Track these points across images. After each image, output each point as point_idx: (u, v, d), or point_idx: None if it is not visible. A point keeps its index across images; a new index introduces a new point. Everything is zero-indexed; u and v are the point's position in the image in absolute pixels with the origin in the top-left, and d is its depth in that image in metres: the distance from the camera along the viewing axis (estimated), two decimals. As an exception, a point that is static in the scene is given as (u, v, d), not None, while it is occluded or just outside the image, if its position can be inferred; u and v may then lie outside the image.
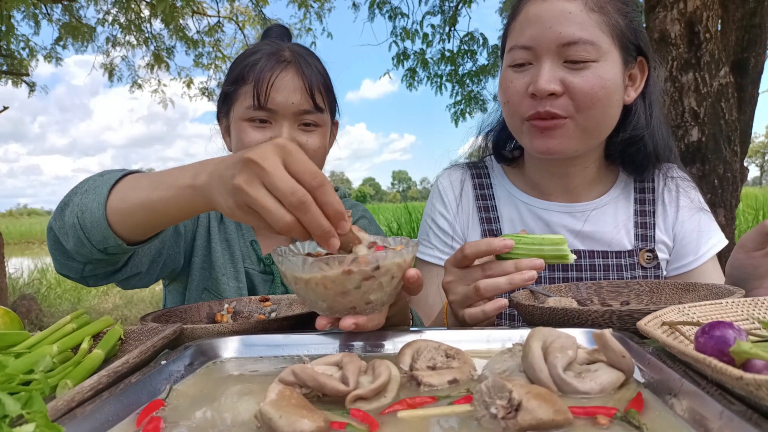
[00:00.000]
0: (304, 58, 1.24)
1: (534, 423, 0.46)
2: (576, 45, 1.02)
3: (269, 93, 1.18)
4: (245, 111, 1.20)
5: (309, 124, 1.23)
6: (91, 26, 7.55)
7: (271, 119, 1.21)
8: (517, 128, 1.15)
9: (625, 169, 1.27)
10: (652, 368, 0.57)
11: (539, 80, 1.04)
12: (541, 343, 0.58)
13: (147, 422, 0.52)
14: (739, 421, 0.42)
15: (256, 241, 1.33)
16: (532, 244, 0.84)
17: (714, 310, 0.68)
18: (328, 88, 1.28)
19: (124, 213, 0.85)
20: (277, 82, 1.19)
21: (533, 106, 1.07)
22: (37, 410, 0.47)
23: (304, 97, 1.20)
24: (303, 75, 1.21)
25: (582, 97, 1.03)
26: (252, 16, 8.38)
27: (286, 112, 1.20)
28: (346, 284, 0.67)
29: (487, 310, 0.83)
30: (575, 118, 1.06)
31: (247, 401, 0.59)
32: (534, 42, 1.06)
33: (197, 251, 1.29)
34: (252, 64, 1.21)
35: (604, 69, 1.04)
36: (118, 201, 0.86)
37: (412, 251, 0.73)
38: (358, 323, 0.70)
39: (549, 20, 1.04)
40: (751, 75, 3.48)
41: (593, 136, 1.11)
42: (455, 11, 6.73)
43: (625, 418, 0.48)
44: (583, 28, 1.03)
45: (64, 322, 0.77)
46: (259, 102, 1.18)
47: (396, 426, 0.50)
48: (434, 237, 1.31)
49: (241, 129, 1.22)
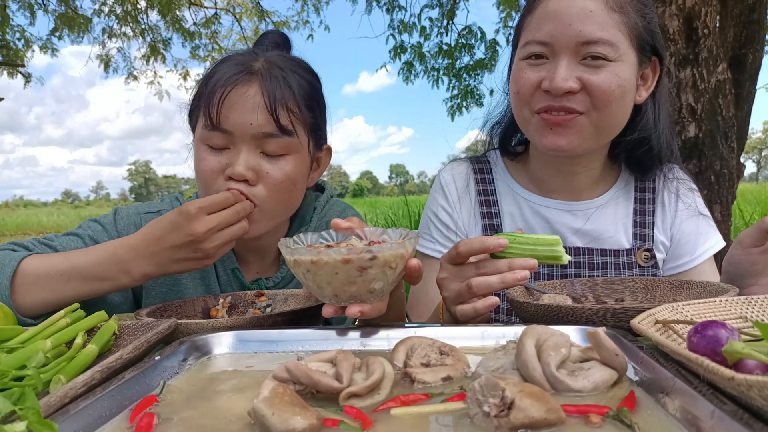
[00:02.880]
0: (277, 70, 1.06)
1: (526, 421, 0.46)
2: (596, 44, 1.01)
3: (220, 110, 1.02)
4: (201, 131, 1.06)
5: (273, 154, 1.05)
6: (87, 17, 7.50)
7: (229, 143, 1.04)
8: (525, 121, 1.13)
9: (629, 168, 1.26)
10: (645, 366, 0.57)
11: (556, 78, 1.02)
12: (534, 341, 0.58)
13: (140, 418, 0.52)
14: (730, 421, 0.42)
15: (238, 269, 1.20)
16: (527, 243, 0.84)
17: (707, 308, 0.68)
18: (308, 104, 1.09)
19: (40, 301, 0.97)
20: (233, 98, 1.02)
21: (545, 100, 1.06)
22: (29, 407, 0.47)
23: (265, 117, 1.02)
24: (266, 89, 1.02)
25: (600, 95, 1.03)
26: (249, 8, 8.34)
27: (243, 134, 1.02)
28: (346, 272, 0.70)
29: (478, 308, 0.84)
30: (590, 114, 1.05)
31: (241, 397, 0.59)
32: (552, 38, 1.04)
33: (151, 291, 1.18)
34: (211, 75, 1.06)
35: (621, 69, 1.04)
36: (32, 289, 0.97)
37: (413, 242, 0.76)
38: (363, 311, 0.74)
39: (569, 17, 1.02)
40: (749, 71, 3.48)
41: (604, 135, 1.11)
42: (453, 5, 6.70)
43: (617, 416, 0.48)
44: (604, 27, 1.02)
45: (58, 317, 0.77)
46: (211, 121, 1.02)
47: (389, 423, 0.51)
48: (435, 230, 1.31)
49: (197, 152, 1.08)
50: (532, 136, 1.13)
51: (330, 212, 1.32)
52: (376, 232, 0.81)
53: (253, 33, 8.54)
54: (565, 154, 1.11)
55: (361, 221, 0.84)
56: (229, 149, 1.04)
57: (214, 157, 1.05)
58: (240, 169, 1.01)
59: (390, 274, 0.73)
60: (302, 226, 1.27)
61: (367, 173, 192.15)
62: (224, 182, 1.03)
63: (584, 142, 1.08)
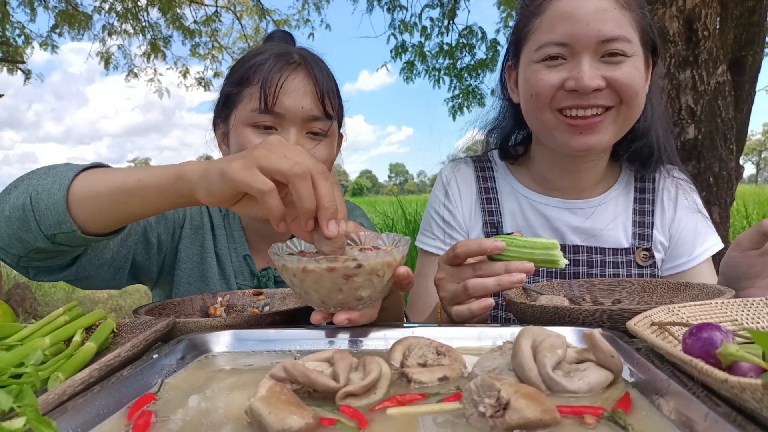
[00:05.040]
0: (314, 61, 1.17)
1: (522, 422, 0.46)
2: (615, 41, 1.03)
3: (278, 95, 1.09)
4: (249, 114, 1.11)
5: (317, 133, 1.15)
6: (87, 14, 7.49)
7: (276, 125, 1.12)
8: (545, 123, 1.12)
9: (630, 163, 1.28)
10: (641, 368, 0.58)
11: (583, 77, 1.03)
12: (530, 342, 0.58)
13: (138, 416, 0.53)
14: (724, 423, 0.42)
15: (249, 256, 1.26)
16: (524, 246, 0.85)
17: (703, 310, 0.68)
18: (338, 94, 1.20)
19: (89, 197, 0.81)
20: (286, 85, 1.10)
21: (570, 99, 1.06)
22: (27, 404, 0.47)
23: (314, 102, 1.12)
24: (314, 78, 1.13)
25: (626, 89, 1.05)
26: (250, 6, 8.34)
27: (294, 117, 1.11)
28: (331, 280, 0.69)
29: (473, 309, 0.84)
30: (620, 108, 1.08)
31: (239, 396, 0.59)
32: (571, 39, 1.05)
33: (181, 264, 1.23)
34: (259, 64, 1.13)
35: (637, 62, 1.07)
36: (85, 185, 0.81)
37: (401, 250, 0.75)
38: (351, 318, 0.73)
39: (586, 17, 1.04)
40: (749, 73, 3.48)
41: (626, 128, 1.13)
42: (454, 4, 6.69)
43: (612, 418, 0.48)
44: (619, 24, 1.04)
45: (56, 314, 0.77)
46: (266, 105, 1.09)
47: (385, 423, 0.51)
48: (436, 227, 1.33)
49: (242, 134, 1.12)
50: (555, 137, 1.12)
51: None
52: (370, 237, 0.81)
53: (253, 31, 8.54)
54: (593, 152, 1.13)
55: (358, 225, 0.84)
56: (276, 130, 1.12)
57: (261, 137, 1.10)
58: None
59: (377, 282, 0.72)
60: None
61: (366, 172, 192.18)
62: None
63: (612, 138, 1.11)
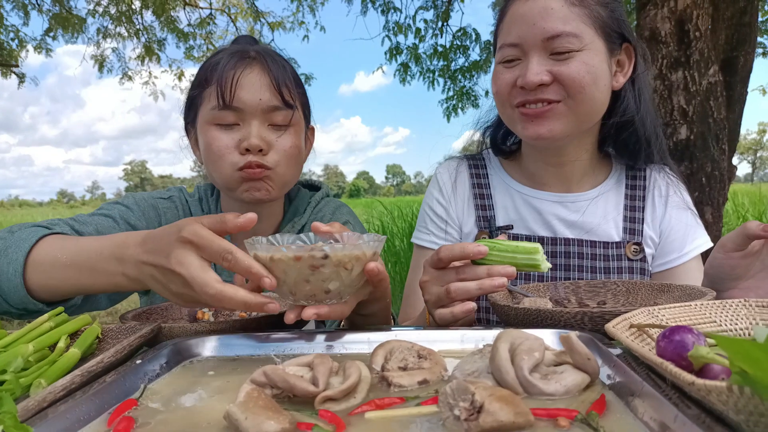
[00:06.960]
0: (270, 55, 1.20)
1: (495, 425, 0.46)
2: (560, 38, 1.07)
3: (234, 90, 1.12)
4: (210, 113, 1.15)
5: (279, 124, 1.17)
6: (81, 17, 7.48)
7: (238, 120, 1.15)
8: (509, 117, 1.20)
9: (618, 154, 1.31)
10: (618, 370, 0.58)
11: (528, 74, 1.09)
12: (508, 345, 0.59)
13: (118, 422, 0.53)
14: (692, 425, 0.43)
15: None
16: (506, 251, 0.85)
17: (682, 312, 0.69)
18: (298, 84, 1.23)
19: (45, 286, 0.89)
20: (241, 80, 1.13)
21: (521, 95, 1.12)
22: (6, 411, 0.48)
23: (272, 93, 1.15)
24: (269, 70, 1.16)
25: (571, 83, 1.08)
26: (244, 9, 8.33)
27: (253, 110, 1.14)
28: (298, 270, 0.71)
29: (455, 312, 0.85)
30: (567, 102, 1.11)
31: (220, 401, 0.59)
32: (520, 39, 1.11)
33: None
34: (215, 63, 1.16)
35: (589, 56, 1.09)
36: (39, 274, 0.89)
37: (372, 246, 0.76)
38: (319, 313, 0.74)
39: (533, 17, 1.09)
40: (741, 73, 3.50)
41: (583, 120, 1.15)
42: (448, 6, 6.71)
43: (585, 420, 0.49)
44: (566, 21, 1.08)
45: (41, 320, 0.78)
46: (224, 101, 1.12)
47: (363, 427, 0.51)
48: (431, 223, 1.37)
49: (207, 133, 1.16)
50: (516, 128, 1.20)
51: (325, 208, 1.39)
52: (352, 237, 0.81)
53: (248, 34, 8.52)
54: (548, 142, 1.16)
55: (342, 226, 0.84)
56: (238, 125, 1.15)
57: (225, 134, 1.15)
58: (255, 141, 1.12)
59: (345, 275, 0.72)
60: (296, 216, 1.34)
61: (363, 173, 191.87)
62: (238, 156, 1.14)
63: (564, 129, 1.13)
